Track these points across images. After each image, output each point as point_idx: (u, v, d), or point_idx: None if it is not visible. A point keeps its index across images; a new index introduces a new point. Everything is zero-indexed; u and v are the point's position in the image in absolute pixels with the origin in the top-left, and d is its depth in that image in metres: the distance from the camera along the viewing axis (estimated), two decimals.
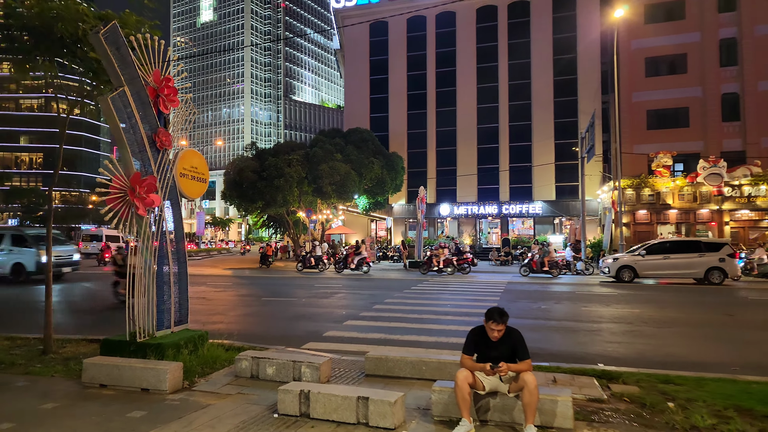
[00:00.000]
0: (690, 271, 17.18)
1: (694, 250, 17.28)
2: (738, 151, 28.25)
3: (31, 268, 18.12)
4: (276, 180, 29.87)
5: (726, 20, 30.10)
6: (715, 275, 16.78)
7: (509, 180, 36.13)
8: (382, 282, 18.90)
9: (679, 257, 17.31)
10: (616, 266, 18.11)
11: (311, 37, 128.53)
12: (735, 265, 16.88)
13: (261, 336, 9.03)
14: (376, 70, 39.83)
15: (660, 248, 17.91)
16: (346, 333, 9.11)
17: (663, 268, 17.45)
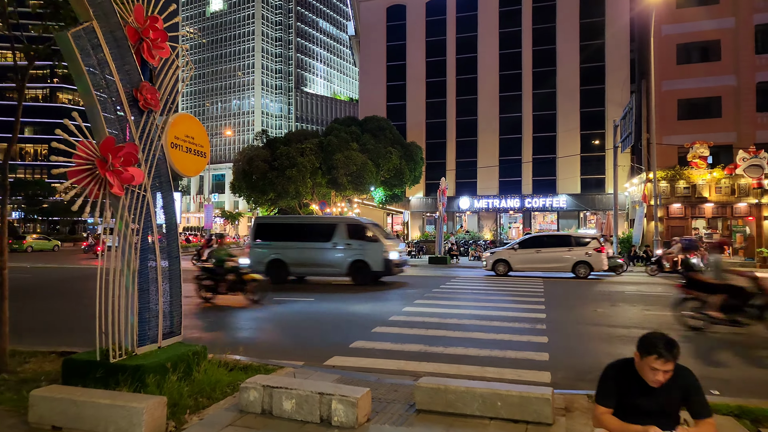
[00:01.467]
0: (559, 265, 17.50)
1: (564, 245, 17.63)
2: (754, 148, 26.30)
3: (378, 267, 14.65)
4: (288, 170, 28.39)
5: (762, 4, 28.01)
6: (581, 269, 17.10)
7: (532, 172, 34.28)
8: (406, 279, 17.28)
9: (549, 251, 17.65)
10: (492, 260, 18.40)
11: (323, 28, 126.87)
12: (600, 260, 17.08)
13: (274, 347, 7.47)
14: (393, 56, 38.07)
15: (533, 242, 18.33)
16: (377, 344, 7.51)
17: (534, 262, 17.74)
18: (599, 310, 10.46)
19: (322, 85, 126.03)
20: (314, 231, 15.63)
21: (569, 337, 7.95)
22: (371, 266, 14.66)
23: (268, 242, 15.44)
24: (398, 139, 30.72)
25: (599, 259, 17.15)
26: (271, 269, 14.92)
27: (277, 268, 15.04)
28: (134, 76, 5.31)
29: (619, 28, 32.59)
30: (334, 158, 27.99)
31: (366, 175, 27.47)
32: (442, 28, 36.68)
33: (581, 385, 5.56)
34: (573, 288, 14.51)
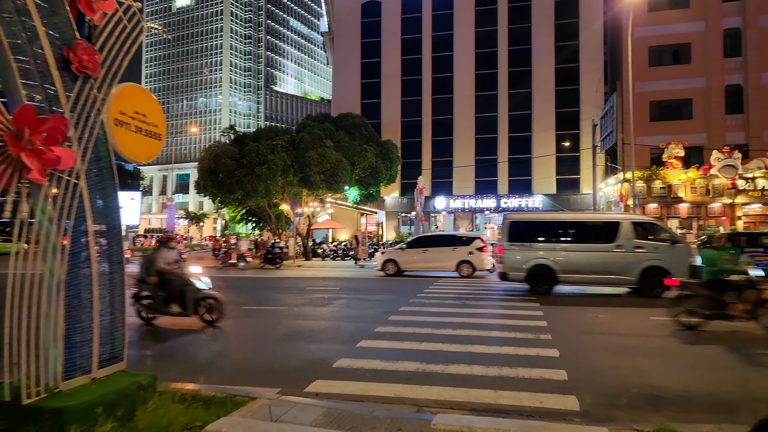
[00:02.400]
0: (443, 264, 17.54)
1: (449, 244, 17.68)
2: (741, 144, 26.67)
3: (682, 273, 11.48)
4: (257, 168, 26.92)
5: (730, 9, 28.49)
6: (464, 269, 17.25)
7: (508, 172, 33.91)
8: (386, 283, 16.28)
9: (435, 251, 17.72)
10: (382, 260, 18.28)
11: (294, 27, 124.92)
12: (483, 259, 17.18)
13: (243, 368, 6.35)
14: (368, 53, 37.08)
15: (420, 242, 18.39)
16: (365, 362, 6.48)
17: (422, 261, 17.75)
18: (601, 316, 9.70)
19: (292, 84, 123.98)
20: (591, 230, 13.03)
21: (580, 350, 7.11)
22: (672, 274, 11.92)
23: (528, 244, 13.02)
24: (374, 136, 29.72)
25: (481, 258, 17.24)
26: (534, 276, 12.82)
27: (542, 276, 12.78)
28: (66, 31, 4.15)
29: (593, 29, 32.57)
30: (306, 156, 26.73)
31: (340, 174, 26.34)
32: (418, 26, 35.94)
33: (618, 415, 4.68)
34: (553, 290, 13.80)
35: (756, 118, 27.31)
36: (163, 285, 8.89)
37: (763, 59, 27.43)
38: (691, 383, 5.64)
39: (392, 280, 17.48)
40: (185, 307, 8.79)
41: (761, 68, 27.42)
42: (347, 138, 27.93)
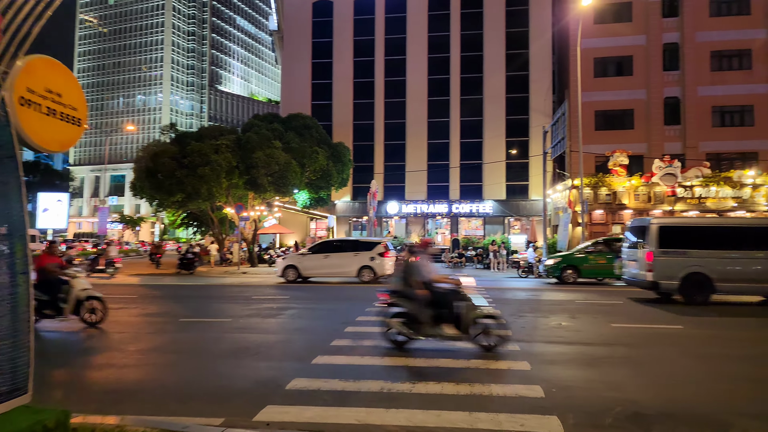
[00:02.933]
0: (345, 270, 17.49)
1: (351, 249, 17.72)
2: (678, 154, 28.06)
3: None
4: (200, 168, 25.45)
5: (669, 25, 30.02)
6: (365, 274, 17.22)
7: (460, 178, 34.06)
8: (339, 291, 15.55)
9: (337, 256, 17.67)
10: (282, 265, 18.09)
11: (241, 26, 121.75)
12: (384, 264, 17.18)
13: (180, 394, 5.48)
14: (319, 53, 36.24)
15: (323, 247, 18.34)
16: (323, 382, 5.79)
17: (323, 267, 17.61)
18: (564, 323, 9.47)
19: (239, 84, 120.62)
20: (749, 237, 12.24)
21: (550, 362, 6.74)
22: None
23: (682, 250, 12.15)
24: (325, 138, 28.92)
25: (383, 263, 17.15)
26: (689, 285, 12.03)
27: (698, 284, 11.98)
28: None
29: (542, 39, 33.41)
30: (253, 156, 25.55)
31: (290, 176, 25.35)
32: (371, 28, 35.55)
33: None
34: (519, 298, 13.61)
35: (692, 130, 28.81)
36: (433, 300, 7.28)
37: (699, 73, 28.99)
38: (672, 398, 5.34)
39: (346, 288, 16.80)
40: (461, 328, 7.13)
41: (697, 82, 28.96)
42: (297, 139, 26.99)
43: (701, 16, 29.19)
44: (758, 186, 23.59)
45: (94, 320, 8.91)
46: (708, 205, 23.98)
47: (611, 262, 16.60)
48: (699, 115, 28.97)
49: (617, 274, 15.49)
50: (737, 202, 23.67)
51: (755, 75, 28.43)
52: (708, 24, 29.09)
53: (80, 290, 8.83)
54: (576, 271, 17.50)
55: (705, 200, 23.99)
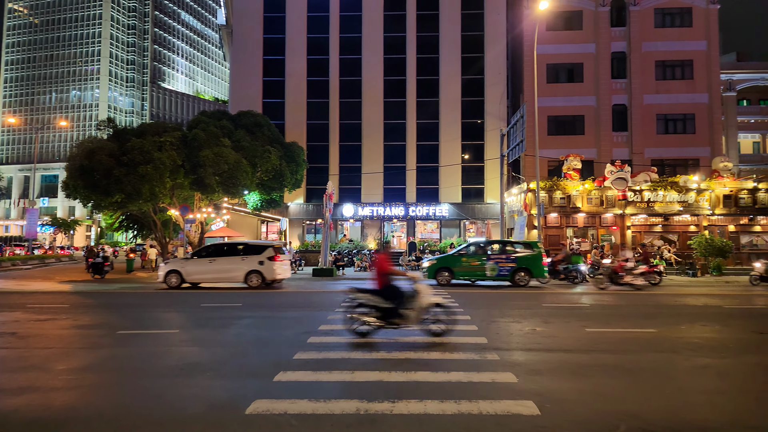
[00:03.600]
0: (231, 275, 16.77)
1: (239, 253, 16.99)
2: (625, 159, 29.08)
3: None
4: (141, 167, 23.69)
5: (618, 34, 31.11)
6: (253, 279, 16.49)
7: (416, 180, 33.71)
8: (297, 297, 14.59)
9: (223, 260, 16.85)
10: (164, 270, 17.11)
11: (186, 21, 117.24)
12: (274, 269, 16.54)
13: (120, 421, 4.53)
14: (271, 49, 34.91)
15: (209, 251, 17.53)
16: (289, 403, 4.99)
17: (208, 272, 16.76)
18: (538, 329, 9.05)
19: (183, 81, 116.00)
20: None
21: (536, 372, 6.22)
22: None
23: None
24: (278, 137, 27.72)
25: (272, 268, 16.48)
26: None
27: None
28: None
29: (497, 43, 33.70)
30: (200, 155, 24.05)
31: (240, 176, 24.02)
32: (325, 26, 34.65)
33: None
34: (492, 302, 13.21)
35: (638, 137, 29.90)
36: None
37: (644, 82, 30.14)
38: (673, 409, 4.93)
39: (309, 294, 15.86)
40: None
41: (643, 90, 30.11)
42: (248, 137, 25.70)
43: (647, 26, 30.39)
44: (702, 191, 24.60)
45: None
46: (656, 209, 24.79)
47: (484, 264, 17.05)
48: (645, 123, 30.11)
49: (489, 275, 16.88)
50: (683, 206, 24.60)
51: (696, 85, 29.88)
52: (653, 35, 30.34)
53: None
54: (450, 272, 17.31)
55: (653, 204, 24.77)
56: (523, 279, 17.08)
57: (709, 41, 29.85)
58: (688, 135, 29.88)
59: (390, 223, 33.92)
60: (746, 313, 11.44)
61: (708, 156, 29.33)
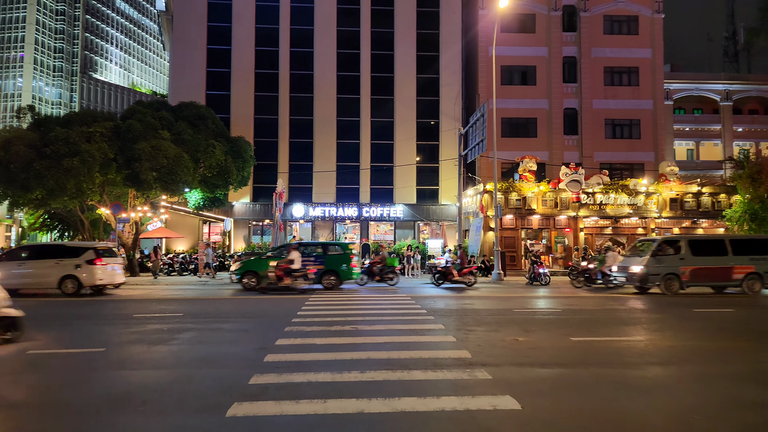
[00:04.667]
0: (43, 280, 15.06)
1: (54, 256, 15.33)
2: (577, 163, 29.43)
3: None
4: (66, 160, 21.29)
5: (569, 39, 31.63)
6: (68, 285, 14.84)
7: (370, 180, 32.67)
8: (246, 304, 13.15)
9: (34, 264, 15.20)
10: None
11: (121, 9, 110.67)
12: (94, 273, 15.03)
13: None
14: (215, 39, 32.77)
15: (19, 253, 16.07)
16: None
17: (15, 277, 14.66)
18: (520, 339, 8.24)
19: (118, 73, 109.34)
20: None
21: (540, 395, 5.34)
22: None
23: None
24: (223, 131, 25.86)
25: (92, 272, 14.86)
26: None
27: None
28: None
29: (452, 42, 33.34)
30: (136, 148, 21.89)
31: (180, 172, 22.04)
32: (275, 16, 32.95)
33: None
34: (453, 308, 12.38)
35: (588, 140, 30.43)
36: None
37: (594, 86, 30.74)
38: None
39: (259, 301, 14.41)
40: None
41: (593, 95, 30.70)
42: (190, 130, 23.74)
43: (596, 32, 31.03)
44: (651, 194, 25.19)
45: None
46: (608, 211, 25.13)
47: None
48: (594, 127, 30.70)
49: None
50: (632, 209, 25.08)
51: (642, 91, 30.81)
52: (602, 41, 31.01)
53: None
54: (257, 276, 16.45)
55: (605, 206, 25.10)
56: (330, 281, 16.61)
57: (654, 49, 30.89)
58: (635, 140, 30.77)
59: (342, 224, 32.70)
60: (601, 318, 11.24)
61: (652, 161, 30.30)
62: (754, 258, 15.18)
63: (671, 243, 15.66)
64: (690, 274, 14.95)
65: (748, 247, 15.55)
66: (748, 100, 38.41)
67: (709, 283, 15.50)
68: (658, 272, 14.99)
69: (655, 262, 15.06)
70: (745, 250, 15.35)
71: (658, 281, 14.97)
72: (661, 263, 15.08)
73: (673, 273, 14.93)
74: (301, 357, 6.89)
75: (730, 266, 15.05)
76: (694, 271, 14.97)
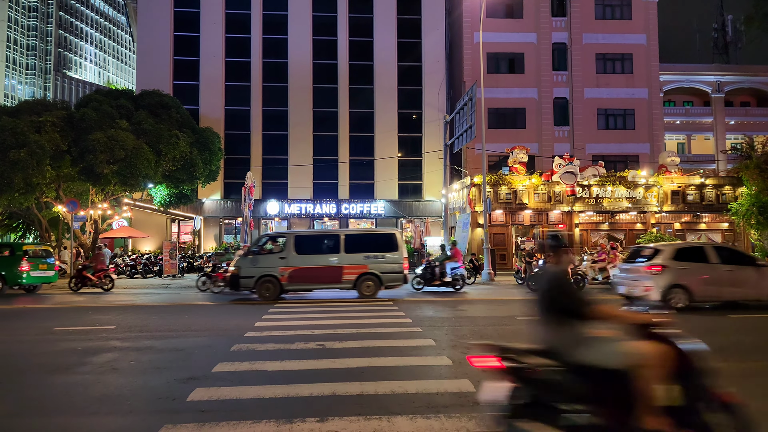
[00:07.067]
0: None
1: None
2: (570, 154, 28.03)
3: None
4: (13, 152, 19.18)
5: (559, 24, 30.15)
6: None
7: (349, 175, 30.75)
8: (201, 312, 11.18)
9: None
10: None
11: (96, 6, 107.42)
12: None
13: None
14: (183, 25, 30.58)
15: None
16: None
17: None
18: None
19: (92, 71, 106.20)
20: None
21: None
22: None
23: None
24: (188, 121, 23.75)
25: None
26: None
27: None
28: None
29: (435, 29, 31.62)
30: (90, 139, 19.77)
31: (140, 164, 19.95)
32: (246, 1, 30.84)
33: None
34: (436, 314, 10.60)
35: (580, 131, 28.92)
36: None
37: (585, 74, 29.23)
38: None
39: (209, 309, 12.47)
40: None
41: (584, 83, 29.19)
42: (151, 120, 21.63)
43: (587, 17, 29.54)
44: (650, 187, 23.70)
45: None
46: (604, 205, 23.57)
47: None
48: (585, 117, 29.22)
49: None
50: (631, 202, 23.57)
51: (636, 80, 29.40)
52: (594, 26, 29.55)
53: None
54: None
55: (602, 200, 23.54)
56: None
57: (648, 35, 29.53)
58: (629, 131, 29.38)
59: (320, 221, 30.73)
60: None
61: (648, 153, 28.94)
62: (368, 256, 13.13)
63: (274, 239, 13.72)
64: (290, 275, 12.75)
65: (362, 243, 13.48)
66: (740, 92, 37.38)
67: (315, 285, 13.21)
68: (251, 275, 12.78)
69: (250, 263, 12.90)
70: (359, 247, 13.27)
71: (252, 285, 12.79)
72: (257, 263, 12.95)
73: (271, 275, 12.71)
74: (241, 393, 5.02)
75: (340, 266, 12.95)
76: (296, 273, 12.79)
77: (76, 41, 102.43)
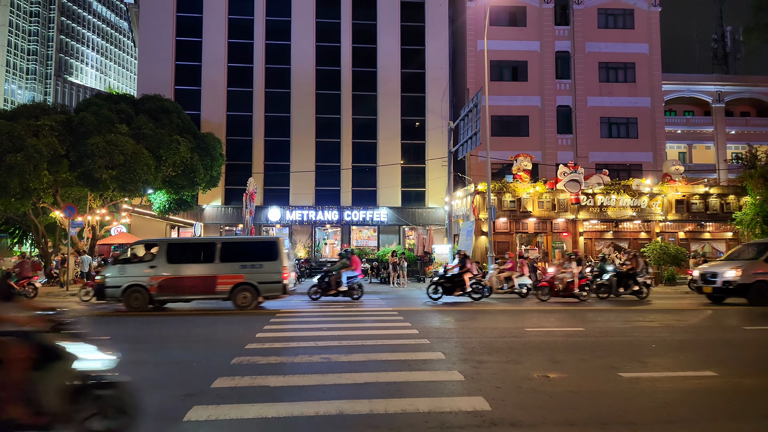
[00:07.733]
0: None
1: None
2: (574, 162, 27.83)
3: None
4: (9, 156, 18.95)
5: (562, 33, 30.13)
6: None
7: (352, 182, 30.50)
8: (200, 321, 10.86)
9: None
10: None
11: (98, 12, 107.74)
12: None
13: None
14: (185, 30, 30.46)
15: None
16: None
17: None
18: (552, 375, 6.13)
19: (94, 76, 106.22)
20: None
21: None
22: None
23: None
24: (189, 127, 23.54)
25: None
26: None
27: None
28: None
29: (438, 36, 31.55)
30: (89, 143, 19.55)
31: (139, 170, 19.71)
32: (250, 7, 30.80)
33: None
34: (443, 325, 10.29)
35: (583, 139, 28.75)
36: None
37: (588, 83, 29.13)
38: None
39: (214, 319, 12.15)
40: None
41: (587, 92, 29.08)
42: (151, 125, 21.42)
43: (590, 26, 29.50)
44: (655, 195, 23.46)
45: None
46: (609, 214, 23.31)
47: None
48: (589, 125, 29.08)
49: None
50: (635, 211, 23.31)
51: (639, 88, 29.28)
52: (597, 35, 29.50)
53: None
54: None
55: (606, 209, 23.29)
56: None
57: (650, 44, 29.46)
58: (631, 139, 29.22)
59: (322, 229, 30.44)
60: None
61: (650, 161, 28.74)
62: (245, 265, 12.53)
63: (148, 247, 13.11)
64: (159, 285, 12.19)
65: (240, 252, 12.94)
66: (740, 102, 37.35)
67: (186, 296, 12.66)
68: (118, 284, 12.24)
69: (118, 272, 12.42)
70: (237, 256, 12.73)
71: (119, 295, 12.22)
72: (124, 272, 12.40)
73: (139, 285, 12.14)
74: (242, 411, 4.71)
75: (214, 275, 12.38)
76: (166, 282, 12.22)
77: (77, 46, 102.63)
